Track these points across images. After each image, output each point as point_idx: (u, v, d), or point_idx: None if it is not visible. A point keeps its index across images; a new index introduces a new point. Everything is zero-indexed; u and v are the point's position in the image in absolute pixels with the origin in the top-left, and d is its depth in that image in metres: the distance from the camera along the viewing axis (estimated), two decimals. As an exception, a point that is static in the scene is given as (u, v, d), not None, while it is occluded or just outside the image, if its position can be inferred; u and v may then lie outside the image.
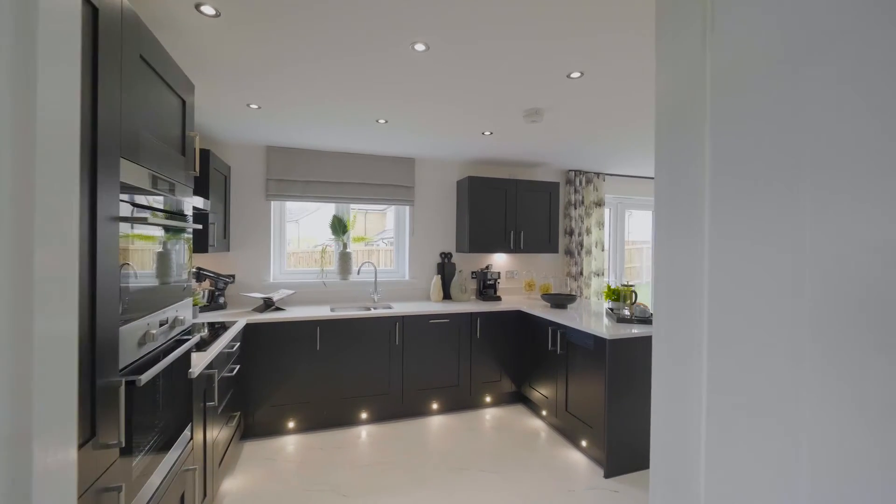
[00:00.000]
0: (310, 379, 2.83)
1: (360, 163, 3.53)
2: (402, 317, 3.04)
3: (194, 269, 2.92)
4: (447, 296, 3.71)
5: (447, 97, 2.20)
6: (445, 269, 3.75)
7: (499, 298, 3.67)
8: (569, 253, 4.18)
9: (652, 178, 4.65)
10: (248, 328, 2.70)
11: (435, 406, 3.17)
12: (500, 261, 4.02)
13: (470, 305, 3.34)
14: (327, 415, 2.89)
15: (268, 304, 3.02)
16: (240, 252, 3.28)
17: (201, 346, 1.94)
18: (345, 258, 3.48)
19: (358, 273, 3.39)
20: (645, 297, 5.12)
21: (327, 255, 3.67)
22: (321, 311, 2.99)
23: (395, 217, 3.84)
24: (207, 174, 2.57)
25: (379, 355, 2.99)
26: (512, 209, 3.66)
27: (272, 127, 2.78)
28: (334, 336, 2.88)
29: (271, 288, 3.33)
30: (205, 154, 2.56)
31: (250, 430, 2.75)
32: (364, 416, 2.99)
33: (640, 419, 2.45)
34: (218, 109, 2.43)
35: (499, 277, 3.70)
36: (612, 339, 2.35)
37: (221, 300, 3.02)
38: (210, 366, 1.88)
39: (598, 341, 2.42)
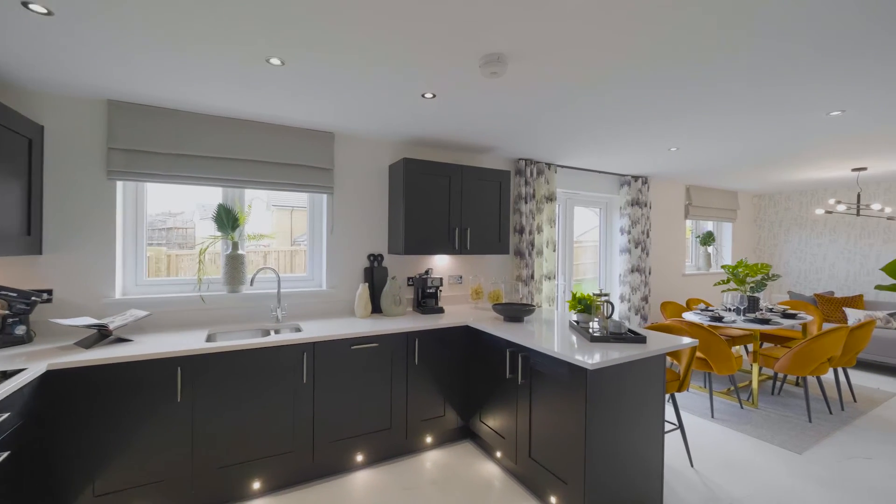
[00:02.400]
0: (165, 445, 1.89)
1: (257, 134, 2.62)
2: (313, 343, 2.22)
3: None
4: (377, 309, 2.95)
5: (370, 28, 1.46)
6: (375, 276, 2.98)
7: (441, 310, 2.99)
8: (519, 254, 3.65)
9: (603, 173, 4.32)
10: (51, 379, 1.70)
11: (359, 458, 2.40)
12: (441, 264, 3.35)
13: (406, 321, 2.62)
14: (197, 493, 1.98)
15: (102, 335, 2.02)
16: (61, 256, 2.20)
17: None
18: (235, 263, 2.55)
19: (251, 284, 2.48)
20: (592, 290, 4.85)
21: (215, 258, 2.71)
22: (190, 341, 2.06)
23: (310, 208, 2.98)
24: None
25: (278, 399, 2.14)
26: (457, 201, 3.00)
27: (103, 65, 1.79)
28: (208, 377, 1.97)
29: (116, 308, 2.30)
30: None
31: (60, 536, 1.75)
32: (256, 486, 2.13)
33: (633, 474, 1.94)
34: (-24, 15, 1.42)
35: (441, 284, 3.03)
36: (595, 368, 1.79)
37: (20, 331, 1.95)
38: None
39: (575, 370, 1.85)
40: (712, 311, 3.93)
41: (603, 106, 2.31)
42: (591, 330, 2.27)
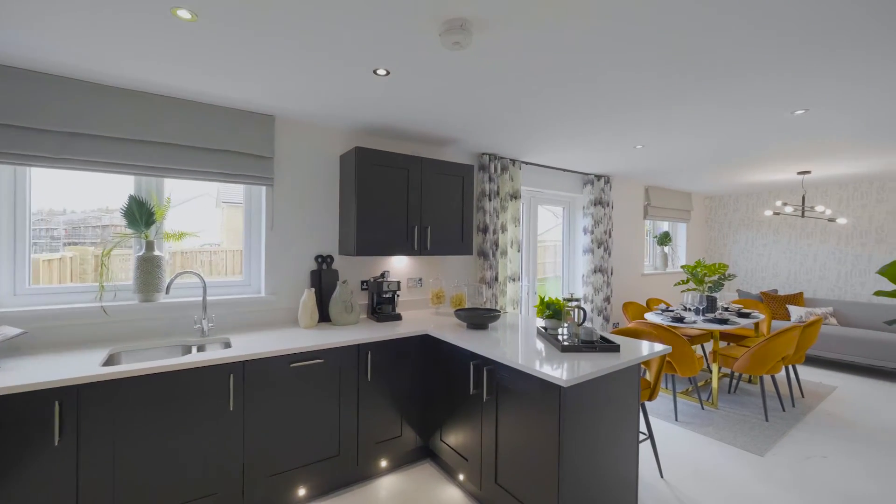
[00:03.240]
0: (43, 500, 1.48)
1: (180, 112, 2.21)
2: (243, 362, 1.87)
3: None
4: (325, 318, 2.62)
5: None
6: (323, 280, 2.65)
7: (398, 317, 2.71)
8: (482, 254, 3.44)
9: (567, 171, 4.22)
10: None
11: (302, 492, 2.07)
12: (399, 266, 3.06)
13: (358, 331, 2.31)
14: (85, 558, 1.57)
15: (-48, 360, 1.56)
16: None
17: None
18: (148, 267, 2.13)
19: (167, 291, 2.07)
20: (555, 293, 4.75)
21: (121, 261, 2.27)
22: (80, 365, 1.64)
23: (246, 203, 2.59)
24: None
25: (198, 433, 1.77)
26: (416, 197, 2.73)
27: (-62, 4, 1.35)
28: (100, 412, 1.57)
29: (-19, 324, 1.82)
30: None
31: None
32: (169, 538, 1.74)
33: (608, 495, 1.76)
34: None
35: (398, 288, 2.75)
36: (570, 385, 1.60)
37: None
38: None
39: (547, 387, 1.65)
40: (673, 311, 3.94)
41: (573, 94, 2.13)
42: (560, 338, 2.08)
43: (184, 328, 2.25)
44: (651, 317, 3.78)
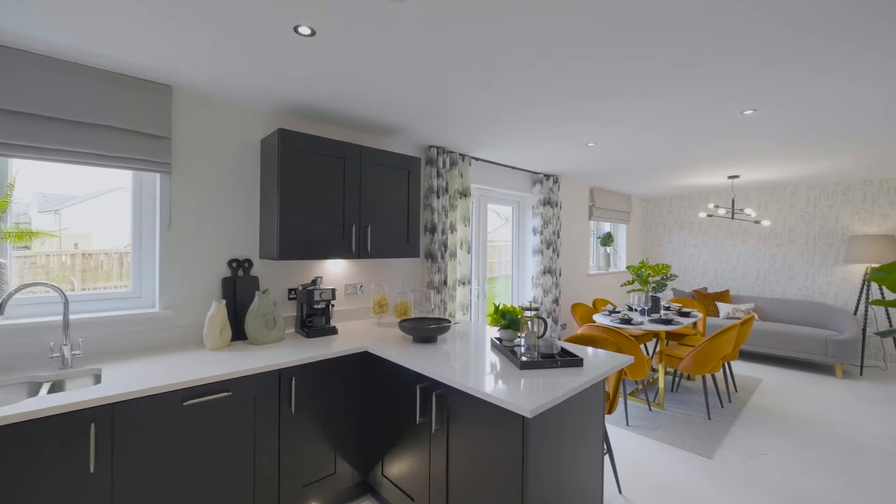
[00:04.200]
0: None
1: (37, 73, 1.65)
2: (112, 405, 1.40)
3: None
4: (240, 336, 2.16)
5: None
6: (239, 290, 2.19)
7: (333, 331, 2.33)
8: (430, 257, 3.15)
9: (517, 169, 4.06)
10: None
11: (203, 562, 1.63)
12: (335, 270, 2.67)
13: (281, 352, 1.91)
14: None
15: None
16: None
17: None
18: (-24, 277, 1.56)
19: (1, 312, 1.51)
20: (504, 294, 4.60)
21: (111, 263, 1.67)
22: None
23: (135, 193, 2.05)
24: None
25: (49, 500, 1.28)
26: (354, 191, 2.37)
27: None
28: None
29: None
30: None
31: None
32: None
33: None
34: None
35: (333, 297, 2.36)
36: (536, 415, 1.35)
37: None
38: None
39: (507, 415, 1.39)
40: (619, 312, 3.94)
41: (527, 83, 1.91)
42: (518, 352, 1.85)
43: (34, 359, 1.70)
44: (599, 318, 3.73)
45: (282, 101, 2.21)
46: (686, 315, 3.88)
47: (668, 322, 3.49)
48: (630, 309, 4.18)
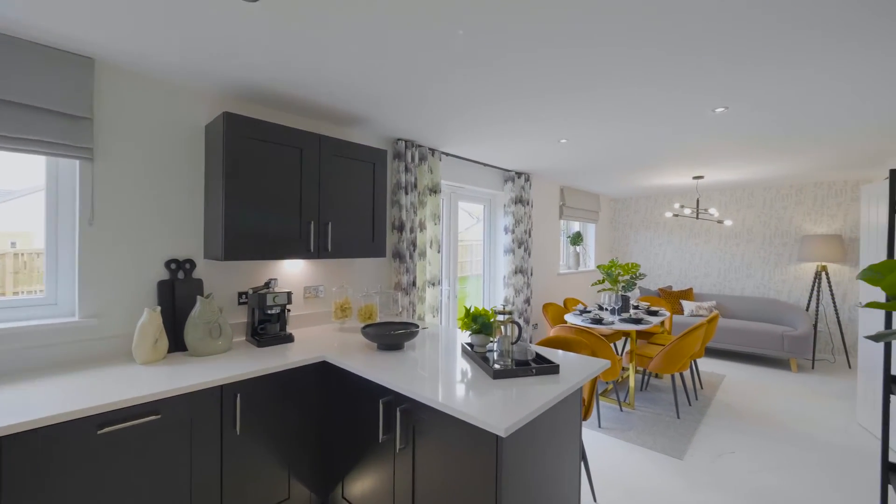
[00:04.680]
0: None
1: None
2: None
3: None
4: (179, 347, 1.91)
5: None
6: (179, 294, 1.94)
7: (289, 339, 2.11)
8: (398, 256, 2.98)
9: (488, 166, 3.95)
10: None
11: None
12: (293, 271, 2.45)
13: (226, 364, 1.68)
14: None
15: None
16: None
17: None
18: None
19: None
20: (475, 295, 4.48)
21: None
22: None
23: (49, 184, 1.76)
24: None
25: None
26: (312, 185, 2.16)
27: None
28: None
29: None
30: None
31: None
32: None
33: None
34: None
35: (288, 301, 2.14)
36: (510, 434, 1.22)
37: None
38: None
39: (479, 433, 1.26)
40: (590, 312, 3.92)
41: (498, 69, 1.78)
42: (491, 360, 1.72)
43: None
44: (571, 318, 3.69)
45: (229, 82, 1.97)
46: (654, 314, 3.91)
47: (638, 321, 3.49)
48: (601, 308, 4.18)
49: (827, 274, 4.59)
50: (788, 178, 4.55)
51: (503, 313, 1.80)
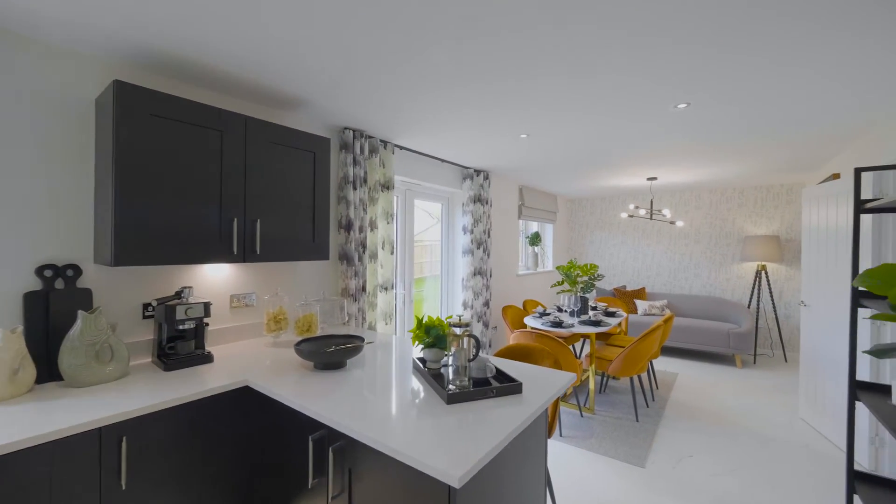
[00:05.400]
0: None
1: None
2: None
3: None
4: (55, 376, 1.51)
5: None
6: (55, 308, 1.54)
7: (206, 359, 1.76)
8: (346, 258, 2.68)
9: (446, 162, 3.74)
10: None
11: None
12: (217, 276, 2.09)
13: (114, 396, 1.33)
14: None
15: None
16: None
17: None
18: None
19: None
20: (433, 298, 4.23)
21: None
22: None
23: None
24: None
25: None
26: (237, 174, 1.82)
27: None
28: None
29: None
30: None
31: None
32: None
33: None
34: None
35: (206, 314, 1.79)
36: (464, 484, 1.00)
37: None
38: None
39: (428, 481, 1.02)
40: (550, 314, 3.82)
41: (459, 53, 1.56)
42: (446, 379, 1.50)
43: None
44: (531, 321, 3.57)
45: (133, 48, 1.59)
46: (612, 315, 3.89)
47: (597, 323, 3.42)
48: (560, 310, 4.10)
49: (766, 273, 4.83)
50: (733, 180, 4.73)
51: (459, 325, 1.58)
